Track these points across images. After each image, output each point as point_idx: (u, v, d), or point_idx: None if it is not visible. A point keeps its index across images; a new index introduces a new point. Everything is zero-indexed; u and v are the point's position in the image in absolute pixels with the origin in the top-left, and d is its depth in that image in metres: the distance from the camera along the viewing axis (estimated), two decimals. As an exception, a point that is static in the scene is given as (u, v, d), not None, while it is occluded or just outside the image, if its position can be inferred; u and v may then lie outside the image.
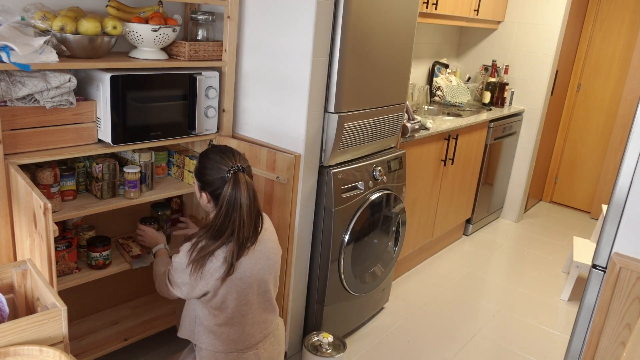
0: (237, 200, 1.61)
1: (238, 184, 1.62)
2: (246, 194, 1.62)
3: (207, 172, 1.68)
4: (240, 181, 1.62)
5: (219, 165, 1.65)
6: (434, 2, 3.14)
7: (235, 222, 1.62)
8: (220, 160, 1.66)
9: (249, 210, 1.63)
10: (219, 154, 1.69)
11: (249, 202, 1.63)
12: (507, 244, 3.97)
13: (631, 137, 1.51)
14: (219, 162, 1.66)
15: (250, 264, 1.70)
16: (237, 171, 1.64)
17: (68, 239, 1.99)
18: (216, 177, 1.65)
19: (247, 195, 1.63)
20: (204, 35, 2.23)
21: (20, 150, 1.76)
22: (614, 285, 1.53)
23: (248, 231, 1.65)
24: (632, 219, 1.52)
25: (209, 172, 1.67)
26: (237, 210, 1.62)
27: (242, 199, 1.62)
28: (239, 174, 1.63)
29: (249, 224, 1.65)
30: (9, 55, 1.60)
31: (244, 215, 1.62)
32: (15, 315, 1.40)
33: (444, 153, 3.29)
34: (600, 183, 4.64)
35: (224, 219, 1.62)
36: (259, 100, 2.25)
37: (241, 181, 1.62)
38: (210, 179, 1.67)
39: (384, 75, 2.41)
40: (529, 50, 4.06)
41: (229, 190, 1.61)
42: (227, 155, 1.68)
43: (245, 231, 1.64)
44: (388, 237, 2.66)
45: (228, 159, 1.66)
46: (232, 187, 1.61)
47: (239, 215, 1.62)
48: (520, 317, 3.00)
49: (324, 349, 2.28)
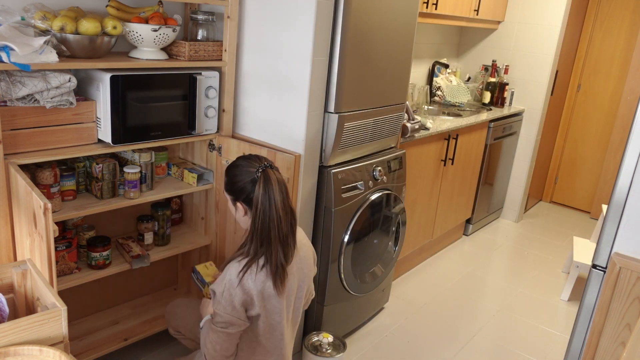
0: (271, 197, 1.58)
1: (269, 180, 1.58)
2: (278, 188, 1.59)
3: (237, 180, 1.65)
4: (271, 177, 1.59)
5: (247, 169, 1.63)
6: (434, 2, 3.14)
7: (274, 219, 1.58)
8: (247, 164, 1.64)
9: (283, 205, 1.59)
10: (244, 160, 1.67)
11: (282, 197, 1.59)
12: (507, 244, 3.97)
13: (631, 137, 1.51)
14: (246, 166, 1.64)
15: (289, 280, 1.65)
16: (265, 168, 1.61)
17: (68, 239, 1.99)
18: (247, 180, 1.62)
19: (279, 190, 1.59)
20: (204, 35, 2.23)
21: (20, 150, 1.76)
22: (614, 285, 1.53)
23: (286, 227, 1.60)
24: (632, 219, 1.52)
25: (238, 179, 1.64)
26: (273, 207, 1.58)
27: (275, 195, 1.58)
28: (267, 170, 1.61)
29: (285, 220, 1.60)
30: (9, 55, 1.60)
31: (279, 211, 1.58)
32: (15, 315, 1.40)
33: (444, 153, 3.29)
34: (600, 183, 4.64)
35: (263, 218, 1.58)
36: (259, 100, 2.25)
37: (271, 177, 1.59)
38: (241, 185, 1.64)
39: (384, 75, 2.41)
40: (529, 50, 4.06)
41: (261, 190, 1.57)
42: (252, 158, 1.66)
43: (283, 227, 1.59)
44: (388, 237, 2.66)
45: (254, 161, 1.64)
46: (263, 185, 1.57)
47: (275, 212, 1.58)
48: (520, 317, 3.00)
49: (324, 349, 2.28)
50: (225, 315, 1.58)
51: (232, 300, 1.57)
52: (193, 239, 2.41)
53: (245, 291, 1.57)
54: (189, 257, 2.60)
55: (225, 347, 1.62)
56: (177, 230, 2.47)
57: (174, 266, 2.66)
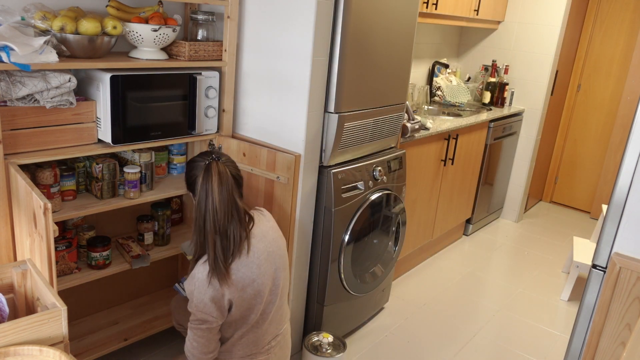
0: (208, 189, 1.59)
1: (209, 172, 1.61)
2: (217, 180, 1.59)
3: (190, 175, 1.70)
4: (212, 169, 1.61)
5: (198, 163, 1.67)
6: (434, 2, 3.14)
7: (209, 212, 1.59)
8: (199, 159, 1.69)
9: (221, 197, 1.59)
10: (199, 155, 1.71)
11: (222, 190, 1.60)
12: (507, 244, 3.97)
13: (631, 137, 1.51)
14: (198, 160, 1.69)
15: (252, 269, 1.68)
16: (211, 161, 1.63)
17: (68, 239, 1.99)
18: (196, 173, 1.66)
19: (218, 182, 1.59)
20: (204, 35, 2.23)
21: (20, 150, 1.76)
22: (614, 285, 1.53)
23: (224, 219, 1.60)
24: (632, 219, 1.52)
25: (191, 174, 1.69)
26: (209, 199, 1.59)
27: (214, 186, 1.59)
28: (212, 163, 1.63)
29: (222, 212, 1.60)
30: (9, 55, 1.60)
31: (216, 203, 1.59)
32: (15, 315, 1.40)
33: (444, 153, 3.29)
34: (600, 183, 4.64)
35: (199, 210, 1.60)
36: (259, 100, 2.25)
37: (213, 169, 1.61)
38: (193, 178, 1.68)
39: (384, 75, 2.41)
40: (529, 50, 4.06)
41: (200, 181, 1.60)
42: (207, 153, 1.70)
43: (220, 218, 1.60)
44: (388, 237, 2.66)
45: (206, 155, 1.68)
46: (203, 177, 1.61)
47: (212, 203, 1.59)
48: (520, 317, 3.00)
49: (324, 349, 2.28)
50: (198, 312, 1.62)
51: (202, 298, 1.61)
52: (193, 239, 2.41)
53: (216, 289, 1.61)
54: (189, 257, 2.61)
55: (202, 344, 1.65)
56: (177, 230, 2.47)
57: (174, 266, 2.66)
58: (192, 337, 1.66)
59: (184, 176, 1.77)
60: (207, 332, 1.64)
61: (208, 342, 1.66)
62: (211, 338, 1.66)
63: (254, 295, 1.68)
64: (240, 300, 1.65)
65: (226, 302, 1.63)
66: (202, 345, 1.65)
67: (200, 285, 1.61)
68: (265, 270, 1.70)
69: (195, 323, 1.64)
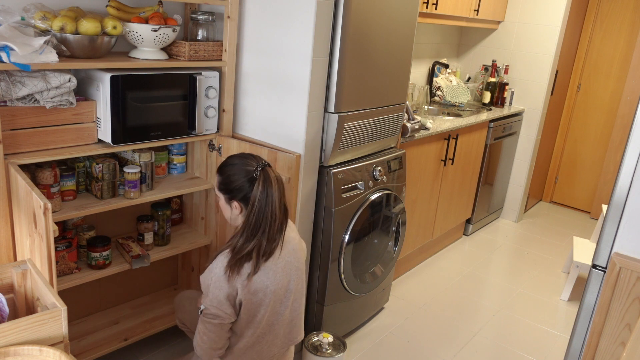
0: (270, 196, 1.60)
1: (269, 179, 1.60)
2: (277, 187, 1.61)
3: (234, 179, 1.64)
4: (270, 176, 1.61)
5: (244, 168, 1.63)
6: (434, 2, 3.14)
7: (268, 217, 1.60)
8: (243, 163, 1.64)
9: (279, 203, 1.62)
10: (239, 158, 1.67)
11: (279, 196, 1.62)
12: (507, 244, 3.97)
13: (631, 137, 1.50)
14: (243, 164, 1.64)
15: (269, 275, 1.66)
16: (264, 167, 1.62)
17: (68, 239, 1.99)
18: (244, 179, 1.63)
19: (277, 189, 1.61)
20: (204, 35, 2.23)
21: (20, 150, 1.76)
22: (614, 285, 1.53)
23: (278, 226, 1.63)
24: (632, 219, 1.52)
25: (235, 178, 1.64)
26: (270, 205, 1.60)
27: (274, 194, 1.60)
28: (267, 169, 1.62)
29: (280, 219, 1.63)
30: (9, 55, 1.60)
31: (275, 210, 1.61)
32: (15, 315, 1.40)
33: (444, 153, 3.29)
34: (600, 183, 4.64)
35: (258, 216, 1.60)
36: (259, 100, 2.25)
37: (271, 176, 1.61)
38: (238, 184, 1.64)
39: (384, 75, 2.41)
40: (529, 50, 4.06)
41: (260, 188, 1.59)
42: (248, 157, 1.67)
43: (275, 225, 1.62)
44: (388, 237, 2.66)
45: (250, 159, 1.65)
46: (262, 184, 1.59)
47: (271, 210, 1.60)
48: (520, 317, 3.00)
49: (324, 349, 2.28)
50: (212, 307, 1.62)
51: (218, 293, 1.60)
52: (193, 239, 2.41)
53: (232, 285, 1.60)
54: (189, 257, 2.60)
55: (212, 339, 1.65)
56: (177, 230, 2.47)
57: (174, 266, 2.66)
58: (202, 330, 1.65)
59: (222, 180, 1.69)
60: (219, 327, 1.64)
61: (218, 338, 1.65)
62: (221, 335, 1.66)
63: (261, 301, 1.66)
64: (248, 304, 1.63)
65: (238, 301, 1.63)
66: (212, 340, 1.65)
67: (217, 280, 1.60)
68: (280, 279, 1.68)
69: (209, 317, 1.63)
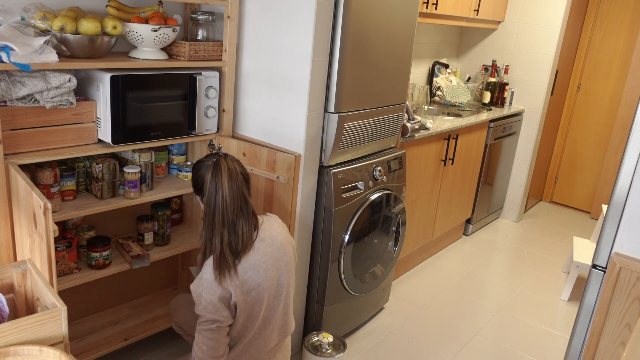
0: (218, 185, 1.60)
1: (218, 167, 1.61)
2: (227, 176, 1.60)
3: (197, 175, 1.69)
4: (221, 165, 1.61)
5: (205, 162, 1.68)
6: (434, 2, 3.14)
7: (219, 205, 1.59)
8: (205, 159, 1.71)
9: (231, 192, 1.60)
10: (206, 156, 1.72)
11: (232, 185, 1.60)
12: (507, 244, 3.97)
13: (631, 137, 1.51)
14: (204, 160, 1.70)
15: (259, 273, 1.67)
16: (219, 158, 1.64)
17: (68, 239, 1.99)
18: (204, 172, 1.66)
19: (228, 177, 1.60)
20: (204, 35, 2.23)
21: (20, 150, 1.76)
22: (614, 285, 1.53)
23: (233, 213, 1.61)
24: (632, 219, 1.52)
25: (198, 175, 1.69)
26: (219, 193, 1.59)
27: (224, 181, 1.59)
28: (220, 160, 1.63)
29: (232, 205, 1.61)
30: (9, 55, 1.60)
31: (226, 197, 1.59)
32: (15, 315, 1.40)
33: (444, 153, 3.29)
34: (600, 183, 4.64)
35: (209, 206, 1.61)
36: (259, 100, 2.25)
37: (222, 165, 1.61)
38: (200, 179, 1.68)
39: (384, 75, 2.41)
40: (529, 50, 4.06)
41: (209, 176, 1.61)
42: (212, 154, 1.70)
43: (229, 213, 1.60)
44: (388, 237, 2.66)
45: (212, 155, 1.68)
46: (212, 172, 1.61)
47: (222, 198, 1.59)
48: (520, 317, 3.00)
49: (324, 349, 2.28)
50: (208, 314, 1.61)
51: (211, 298, 1.60)
52: (193, 239, 2.41)
53: (224, 288, 1.60)
54: (189, 257, 2.60)
55: (212, 347, 1.62)
56: (177, 230, 2.47)
57: (174, 266, 2.66)
58: (200, 341, 1.62)
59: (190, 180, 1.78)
60: (217, 332, 1.62)
61: (218, 345, 1.63)
62: (221, 340, 1.63)
63: (256, 300, 1.66)
64: (244, 304, 1.63)
65: (233, 304, 1.62)
66: (212, 348, 1.62)
67: (208, 286, 1.60)
68: (271, 276, 1.69)
69: (205, 324, 1.61)
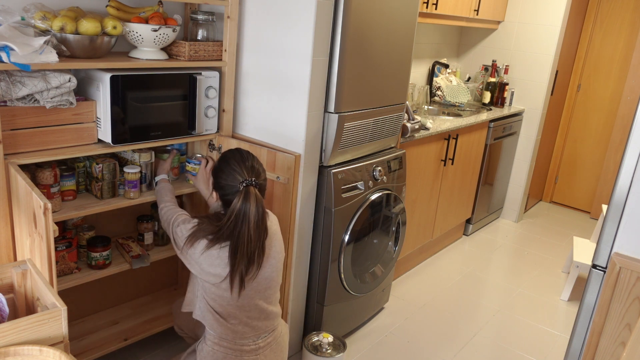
0: (246, 215, 1.64)
1: (248, 198, 1.65)
2: (254, 209, 1.65)
3: (223, 176, 1.71)
4: (250, 195, 1.65)
5: (234, 174, 1.68)
6: (434, 2, 3.14)
7: (243, 237, 1.65)
8: (236, 169, 1.69)
9: (256, 226, 1.66)
10: (238, 161, 1.71)
11: (256, 218, 1.66)
12: (507, 244, 3.97)
13: (631, 137, 1.51)
14: (235, 170, 1.69)
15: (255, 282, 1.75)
16: (249, 185, 1.66)
17: (68, 239, 1.99)
18: (229, 183, 1.69)
19: (255, 211, 1.65)
20: (204, 35, 2.23)
21: (20, 150, 1.76)
22: (614, 285, 1.53)
23: (255, 244, 1.67)
24: (632, 219, 1.52)
25: (224, 177, 1.71)
26: (245, 224, 1.64)
27: (250, 214, 1.64)
28: (250, 188, 1.66)
29: (255, 240, 1.67)
30: (9, 55, 1.60)
31: (251, 230, 1.65)
32: (15, 315, 1.40)
33: (444, 153, 3.29)
34: (600, 183, 4.64)
35: (233, 230, 1.65)
36: (259, 100, 2.25)
37: (251, 196, 1.65)
38: (223, 183, 1.71)
39: (384, 75, 2.41)
40: (529, 50, 4.06)
41: (239, 203, 1.64)
42: (246, 165, 1.70)
43: (252, 246, 1.66)
44: (388, 237, 2.66)
45: (245, 169, 1.69)
46: (242, 201, 1.64)
47: (247, 230, 1.65)
48: (520, 317, 3.00)
49: (324, 349, 2.28)
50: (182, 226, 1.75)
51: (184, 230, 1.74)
52: (193, 239, 2.41)
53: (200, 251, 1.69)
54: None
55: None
56: (177, 230, 2.47)
57: (174, 266, 2.66)
58: (169, 222, 1.83)
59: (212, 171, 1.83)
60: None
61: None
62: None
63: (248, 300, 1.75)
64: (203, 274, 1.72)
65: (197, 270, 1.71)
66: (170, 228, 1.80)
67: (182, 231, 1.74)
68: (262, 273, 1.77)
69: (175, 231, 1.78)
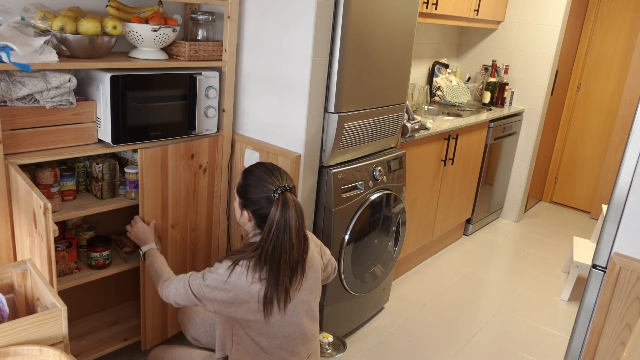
0: (287, 223, 1.52)
1: (287, 205, 1.52)
2: (295, 215, 1.53)
3: (252, 190, 1.58)
4: (289, 202, 1.53)
5: (265, 184, 1.56)
6: (434, 2, 3.14)
7: (285, 246, 1.52)
8: (266, 178, 1.57)
9: (297, 232, 1.55)
10: (265, 171, 1.59)
11: (297, 225, 1.54)
12: (507, 244, 3.97)
13: (631, 137, 1.51)
14: (265, 179, 1.57)
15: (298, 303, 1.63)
16: (284, 191, 1.55)
17: (68, 239, 1.99)
18: (261, 195, 1.56)
19: (295, 217, 1.53)
20: (204, 35, 2.23)
21: (20, 150, 1.76)
22: (614, 285, 1.53)
23: (298, 254, 1.57)
24: (632, 219, 1.52)
25: (253, 190, 1.58)
26: (287, 233, 1.52)
27: (292, 221, 1.52)
28: (287, 194, 1.54)
29: (297, 247, 1.56)
30: (9, 55, 1.60)
31: (293, 238, 1.53)
32: (15, 315, 1.40)
33: (444, 153, 3.29)
34: (600, 183, 4.64)
35: (276, 242, 1.52)
36: (259, 100, 2.25)
37: (289, 202, 1.53)
38: (254, 197, 1.57)
39: (384, 75, 2.41)
40: (529, 50, 4.06)
41: (277, 213, 1.52)
42: (274, 173, 1.59)
43: (294, 254, 1.55)
44: (388, 237, 2.66)
45: (275, 177, 1.57)
46: (281, 209, 1.52)
47: (289, 238, 1.53)
48: (520, 317, 3.00)
49: (324, 349, 2.28)
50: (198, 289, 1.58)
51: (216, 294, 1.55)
52: (193, 239, 2.41)
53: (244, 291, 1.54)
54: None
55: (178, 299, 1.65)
56: (177, 230, 2.47)
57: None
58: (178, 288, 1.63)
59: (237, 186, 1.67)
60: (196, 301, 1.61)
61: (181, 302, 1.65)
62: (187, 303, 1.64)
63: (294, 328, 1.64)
64: None
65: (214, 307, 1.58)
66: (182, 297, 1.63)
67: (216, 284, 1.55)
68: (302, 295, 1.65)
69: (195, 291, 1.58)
